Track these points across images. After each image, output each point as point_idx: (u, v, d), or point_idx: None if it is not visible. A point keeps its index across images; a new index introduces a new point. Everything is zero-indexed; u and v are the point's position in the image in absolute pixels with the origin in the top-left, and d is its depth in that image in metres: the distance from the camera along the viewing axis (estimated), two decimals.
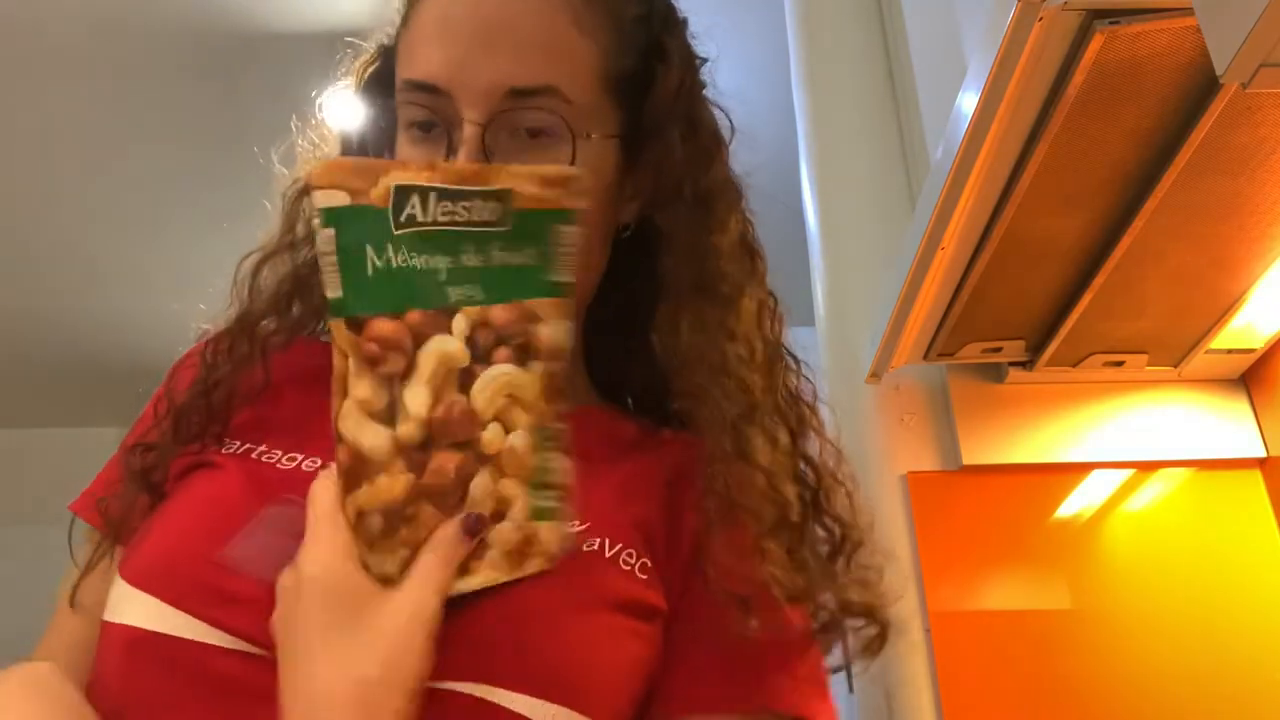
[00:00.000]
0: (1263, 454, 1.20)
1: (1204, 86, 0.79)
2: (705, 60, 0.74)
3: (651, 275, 0.71)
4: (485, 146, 0.62)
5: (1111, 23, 0.73)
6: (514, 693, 0.54)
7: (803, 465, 0.67)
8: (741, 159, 0.73)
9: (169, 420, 0.67)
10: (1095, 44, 0.74)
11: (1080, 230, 0.97)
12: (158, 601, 0.55)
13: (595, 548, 0.61)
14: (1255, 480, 1.20)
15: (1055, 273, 1.04)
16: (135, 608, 0.56)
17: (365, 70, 0.74)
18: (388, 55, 0.73)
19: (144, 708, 0.54)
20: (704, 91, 0.74)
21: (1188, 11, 0.69)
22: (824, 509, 0.66)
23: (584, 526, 0.60)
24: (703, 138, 0.71)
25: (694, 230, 0.69)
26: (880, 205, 1.42)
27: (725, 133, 0.74)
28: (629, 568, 0.61)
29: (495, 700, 0.53)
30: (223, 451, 0.65)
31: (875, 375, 1.26)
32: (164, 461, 0.65)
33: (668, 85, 0.69)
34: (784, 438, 0.65)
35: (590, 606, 0.58)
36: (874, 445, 1.28)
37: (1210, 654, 1.12)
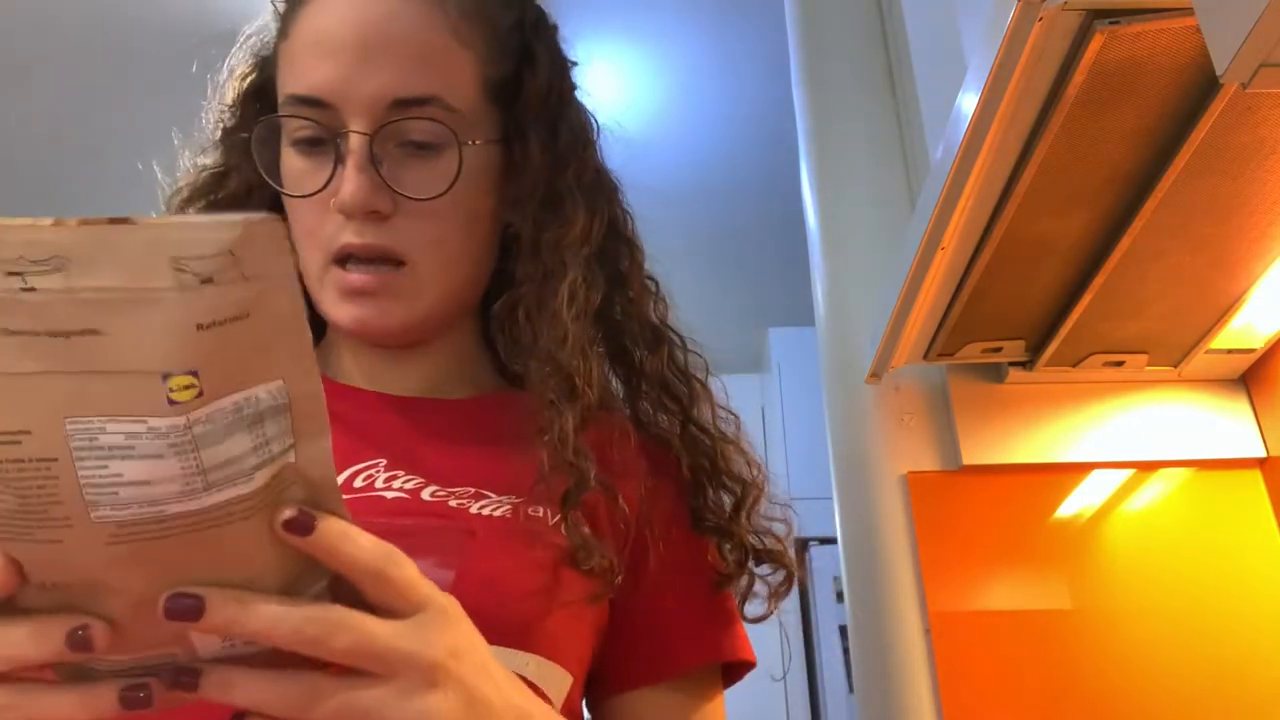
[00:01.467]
0: (1263, 454, 1.20)
1: (1204, 86, 0.79)
2: (575, 64, 0.77)
3: None
4: (373, 155, 0.64)
5: (1111, 23, 0.73)
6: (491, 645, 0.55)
7: (697, 433, 0.73)
8: (742, 158, 0.74)
9: None
10: (1095, 44, 0.74)
11: (1080, 230, 0.97)
12: None
13: (540, 514, 0.64)
14: (1255, 480, 1.20)
15: (1055, 273, 1.04)
16: None
17: (244, 82, 0.75)
18: (265, 66, 0.74)
19: None
20: (574, 94, 0.76)
21: (1188, 11, 0.69)
22: (722, 470, 0.73)
23: (522, 498, 0.64)
24: (560, 142, 0.73)
25: (536, 227, 0.71)
26: (880, 205, 1.42)
27: (593, 133, 0.76)
28: None
29: None
30: None
31: (875, 375, 1.26)
32: None
33: (533, 91, 0.72)
34: (572, 427, 0.66)
35: (548, 564, 0.62)
36: (874, 445, 1.28)
37: (1210, 653, 1.12)
